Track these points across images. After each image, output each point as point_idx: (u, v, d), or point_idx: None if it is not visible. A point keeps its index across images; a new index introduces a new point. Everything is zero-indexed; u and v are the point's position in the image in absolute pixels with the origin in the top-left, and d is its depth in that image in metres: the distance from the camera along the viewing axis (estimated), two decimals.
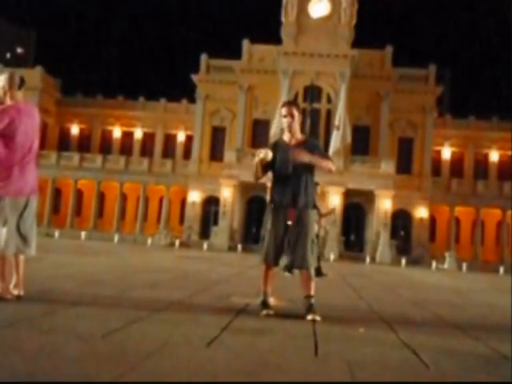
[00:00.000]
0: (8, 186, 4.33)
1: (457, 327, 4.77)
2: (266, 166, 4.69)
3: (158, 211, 44.13)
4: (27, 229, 4.47)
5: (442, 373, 2.89)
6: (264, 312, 4.54)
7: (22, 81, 4.45)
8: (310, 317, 4.43)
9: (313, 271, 4.57)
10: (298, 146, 4.64)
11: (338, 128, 34.84)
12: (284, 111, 4.73)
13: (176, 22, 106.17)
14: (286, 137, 4.79)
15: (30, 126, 4.44)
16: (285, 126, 4.74)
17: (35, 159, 4.58)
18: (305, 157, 4.53)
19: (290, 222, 4.57)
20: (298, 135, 4.75)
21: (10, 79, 4.41)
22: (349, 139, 35.36)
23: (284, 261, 4.64)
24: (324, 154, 4.82)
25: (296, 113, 4.72)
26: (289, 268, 4.59)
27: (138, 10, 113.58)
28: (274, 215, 4.67)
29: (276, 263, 4.68)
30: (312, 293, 4.59)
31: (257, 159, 4.57)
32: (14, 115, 4.31)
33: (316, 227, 4.73)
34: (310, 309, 4.51)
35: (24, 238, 4.44)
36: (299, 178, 4.63)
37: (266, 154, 4.54)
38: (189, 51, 65.43)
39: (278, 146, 4.77)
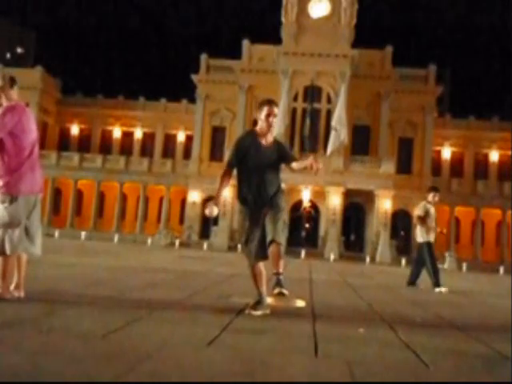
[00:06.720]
0: (20, 185, 4.32)
1: (457, 327, 4.77)
2: (233, 164, 4.68)
3: (158, 211, 44.13)
4: (34, 229, 4.45)
5: (442, 373, 2.89)
6: (259, 312, 4.50)
7: (13, 80, 4.45)
8: (276, 290, 4.47)
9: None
10: (271, 146, 4.61)
11: (336, 129, 34.78)
12: (268, 110, 4.53)
13: (176, 22, 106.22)
14: (260, 135, 4.61)
15: (32, 124, 4.49)
16: (270, 126, 4.55)
17: (39, 158, 4.60)
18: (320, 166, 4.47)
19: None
20: (272, 134, 4.66)
21: (2, 79, 4.43)
22: (345, 140, 35.21)
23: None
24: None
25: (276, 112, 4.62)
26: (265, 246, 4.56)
27: (138, 9, 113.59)
28: (251, 218, 4.63)
29: (263, 257, 4.61)
30: (281, 270, 4.56)
31: (207, 212, 4.59)
32: (22, 113, 4.37)
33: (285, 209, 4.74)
34: (276, 283, 4.53)
35: (31, 239, 4.42)
36: (268, 173, 4.60)
37: (211, 212, 4.56)
38: (189, 51, 65.37)
39: (250, 144, 4.61)
